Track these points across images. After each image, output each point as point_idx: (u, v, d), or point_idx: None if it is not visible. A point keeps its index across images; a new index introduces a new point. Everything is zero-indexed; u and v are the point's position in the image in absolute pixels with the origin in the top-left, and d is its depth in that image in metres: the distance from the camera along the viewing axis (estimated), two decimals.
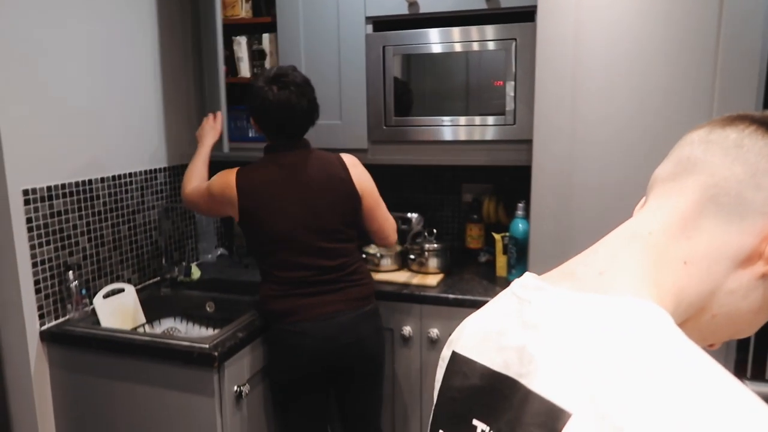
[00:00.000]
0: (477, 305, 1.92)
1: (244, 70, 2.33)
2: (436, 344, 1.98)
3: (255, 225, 1.73)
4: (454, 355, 0.60)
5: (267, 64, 2.29)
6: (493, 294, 1.95)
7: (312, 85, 1.78)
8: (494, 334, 0.56)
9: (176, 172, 2.30)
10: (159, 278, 2.17)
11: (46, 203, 1.74)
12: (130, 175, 2.07)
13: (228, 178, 1.74)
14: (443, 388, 0.60)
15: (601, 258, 0.56)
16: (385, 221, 1.89)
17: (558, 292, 0.54)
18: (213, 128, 2.03)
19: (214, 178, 1.80)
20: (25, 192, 1.68)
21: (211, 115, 2.07)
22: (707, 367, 0.45)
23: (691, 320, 0.54)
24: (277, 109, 1.70)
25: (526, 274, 0.60)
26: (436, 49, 2.03)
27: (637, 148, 1.70)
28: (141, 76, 2.11)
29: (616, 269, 0.54)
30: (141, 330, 1.94)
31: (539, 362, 0.50)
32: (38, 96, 1.71)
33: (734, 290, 0.54)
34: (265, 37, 2.27)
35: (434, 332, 1.97)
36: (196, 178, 1.90)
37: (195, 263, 2.36)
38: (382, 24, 2.11)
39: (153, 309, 2.04)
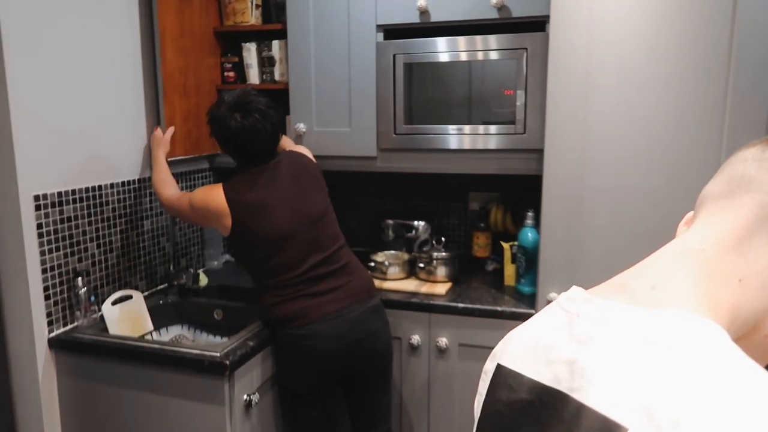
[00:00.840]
0: (486, 314, 1.93)
1: (253, 76, 2.33)
2: (445, 353, 1.98)
3: (252, 231, 1.73)
4: (500, 368, 0.59)
5: (276, 71, 2.29)
6: (503, 303, 1.96)
7: (274, 107, 1.79)
8: (542, 347, 0.56)
9: (184, 178, 2.29)
10: (166, 285, 2.16)
11: (57, 209, 1.73)
12: (139, 181, 2.06)
13: (215, 194, 1.74)
14: (488, 401, 0.59)
15: (653, 273, 0.55)
16: None
17: (609, 305, 0.54)
18: (163, 140, 2.03)
19: (196, 193, 1.81)
20: (36, 198, 1.67)
21: (159, 128, 2.07)
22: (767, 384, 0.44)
23: (743, 339, 0.54)
24: (242, 136, 1.72)
25: (573, 287, 0.59)
26: (447, 57, 2.03)
27: (649, 159, 1.71)
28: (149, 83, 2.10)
29: (669, 284, 0.53)
30: (149, 337, 1.93)
31: (592, 376, 0.50)
32: (50, 103, 1.70)
33: None
34: (275, 43, 2.27)
35: (443, 341, 1.96)
36: (169, 185, 1.92)
37: (201, 270, 2.35)
38: (392, 32, 2.12)
39: (160, 316, 2.03)
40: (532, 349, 0.57)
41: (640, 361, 0.48)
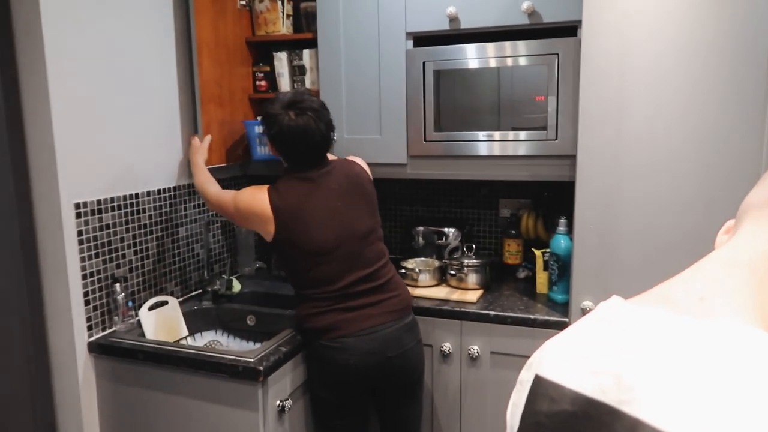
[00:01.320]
0: (518, 322, 1.91)
1: (285, 85, 2.36)
2: (477, 361, 1.97)
3: (295, 241, 1.72)
4: (538, 379, 0.58)
5: (307, 79, 2.32)
6: (535, 311, 1.94)
7: (327, 108, 1.81)
8: (582, 358, 0.55)
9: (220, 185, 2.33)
10: (200, 291, 2.20)
11: (96, 216, 1.78)
12: (174, 189, 2.11)
13: (260, 197, 1.74)
14: (527, 412, 0.58)
15: (698, 283, 0.54)
16: None
17: (655, 314, 0.52)
18: (201, 147, 2.06)
19: (242, 194, 1.81)
20: (77, 205, 1.72)
21: (196, 136, 2.10)
22: None
23: None
24: (295, 134, 1.72)
25: (613, 297, 0.58)
26: (477, 64, 2.03)
27: (685, 163, 1.67)
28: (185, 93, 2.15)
29: (717, 295, 0.52)
30: (184, 342, 1.97)
31: (643, 389, 0.48)
32: (90, 112, 1.76)
33: None
34: (306, 52, 2.30)
35: (474, 349, 1.95)
36: (213, 184, 1.95)
37: (234, 276, 2.39)
38: (422, 40, 2.12)
39: (195, 321, 2.06)
40: (572, 359, 0.56)
41: (697, 375, 0.46)
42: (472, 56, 2.03)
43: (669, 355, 0.49)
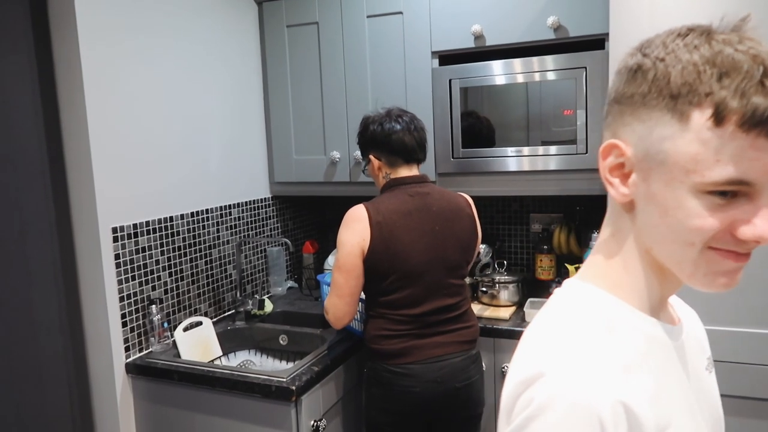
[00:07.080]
0: None
1: None
2: None
3: (386, 257, 1.64)
4: None
5: None
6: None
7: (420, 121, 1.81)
8: None
9: (248, 207, 2.37)
10: (233, 311, 2.23)
11: (132, 240, 1.83)
12: (207, 211, 2.15)
13: (358, 211, 1.67)
14: None
15: None
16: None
17: None
18: None
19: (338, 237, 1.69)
20: (114, 230, 1.77)
21: None
22: None
23: None
24: (390, 130, 1.73)
25: None
26: (503, 80, 2.03)
27: None
28: (215, 119, 2.20)
29: None
30: (218, 362, 1.99)
31: None
32: (127, 138, 1.81)
33: None
34: None
35: (508, 366, 1.92)
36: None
37: (266, 296, 2.41)
38: (448, 58, 2.14)
39: (228, 341, 2.08)
40: None
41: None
42: (497, 73, 2.03)
43: None
